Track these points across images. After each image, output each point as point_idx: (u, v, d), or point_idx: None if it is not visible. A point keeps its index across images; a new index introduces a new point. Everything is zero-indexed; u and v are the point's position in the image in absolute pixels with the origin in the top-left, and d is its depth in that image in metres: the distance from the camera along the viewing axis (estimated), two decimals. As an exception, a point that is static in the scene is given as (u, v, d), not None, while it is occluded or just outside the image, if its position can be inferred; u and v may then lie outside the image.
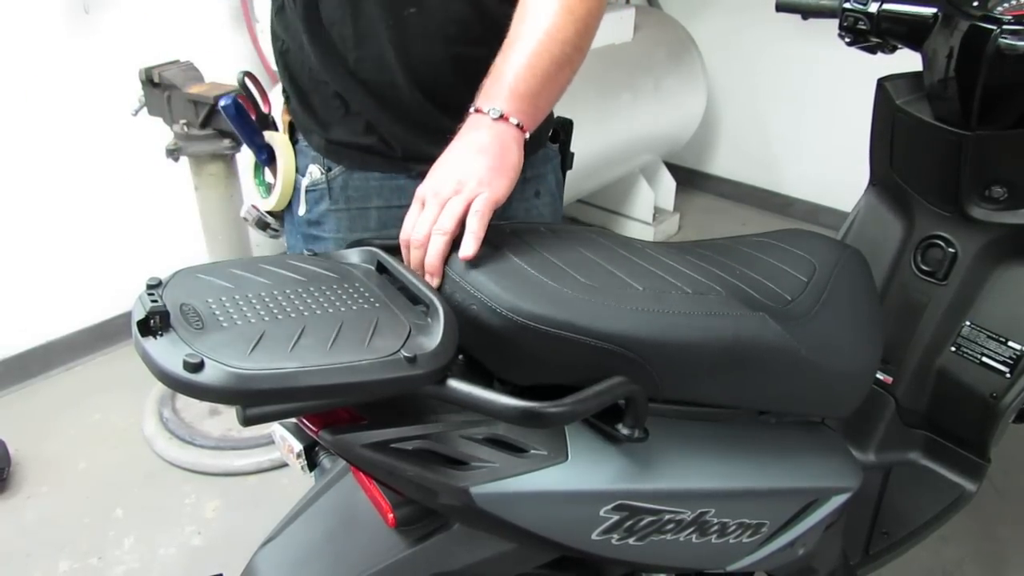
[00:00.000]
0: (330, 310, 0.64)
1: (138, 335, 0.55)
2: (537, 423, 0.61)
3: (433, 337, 0.62)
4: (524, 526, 0.69)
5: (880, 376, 1.26)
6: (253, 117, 1.04)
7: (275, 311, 0.62)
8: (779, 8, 1.32)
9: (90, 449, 1.94)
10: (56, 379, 2.21)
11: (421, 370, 0.59)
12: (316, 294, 0.66)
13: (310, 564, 0.77)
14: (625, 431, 0.70)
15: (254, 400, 0.54)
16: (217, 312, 0.60)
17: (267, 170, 1.05)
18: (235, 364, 0.53)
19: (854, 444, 1.25)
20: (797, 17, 1.34)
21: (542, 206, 1.10)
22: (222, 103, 1.00)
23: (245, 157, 1.07)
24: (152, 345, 0.55)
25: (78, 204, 2.14)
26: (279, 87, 1.07)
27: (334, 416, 0.66)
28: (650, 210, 2.92)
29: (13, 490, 1.81)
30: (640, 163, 2.84)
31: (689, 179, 3.40)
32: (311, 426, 0.66)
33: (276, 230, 1.08)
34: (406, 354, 0.59)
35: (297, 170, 1.02)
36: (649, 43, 2.67)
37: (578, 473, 0.70)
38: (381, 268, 0.75)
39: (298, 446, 0.82)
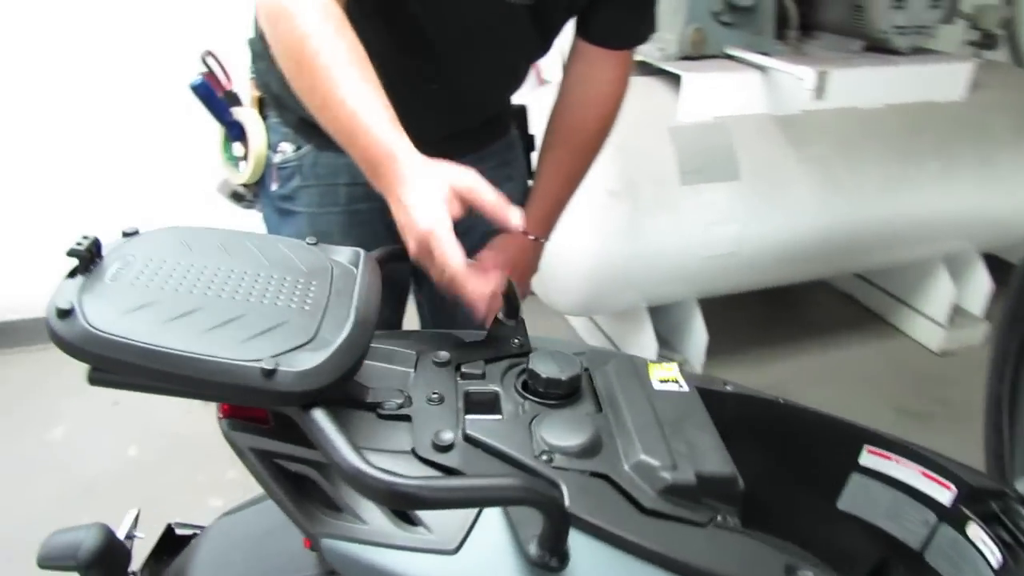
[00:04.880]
0: (264, 301, 0.60)
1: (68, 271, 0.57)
2: (373, 496, 0.49)
3: (317, 356, 0.54)
4: None
5: None
6: (220, 95, 1.05)
7: (215, 289, 0.59)
8: None
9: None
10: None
11: (276, 387, 0.52)
12: (268, 282, 0.62)
13: (235, 558, 0.75)
14: (534, 552, 0.55)
15: (92, 361, 0.52)
16: (149, 274, 0.59)
17: (236, 144, 1.07)
18: (96, 321, 0.52)
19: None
20: None
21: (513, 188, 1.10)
22: (192, 83, 1.03)
23: (214, 131, 1.09)
24: (66, 282, 0.56)
25: (117, 180, 2.13)
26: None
27: (246, 409, 0.62)
28: (947, 310, 2.36)
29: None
30: (945, 249, 2.31)
31: None
32: (221, 410, 0.63)
33: (251, 201, 1.10)
34: (266, 366, 0.52)
35: (269, 146, 1.03)
36: (987, 106, 2.14)
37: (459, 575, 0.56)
38: None
39: None
